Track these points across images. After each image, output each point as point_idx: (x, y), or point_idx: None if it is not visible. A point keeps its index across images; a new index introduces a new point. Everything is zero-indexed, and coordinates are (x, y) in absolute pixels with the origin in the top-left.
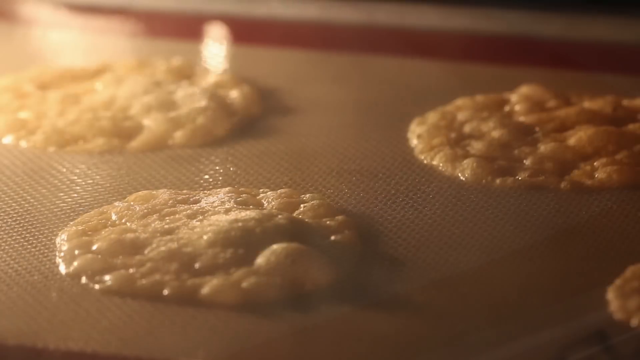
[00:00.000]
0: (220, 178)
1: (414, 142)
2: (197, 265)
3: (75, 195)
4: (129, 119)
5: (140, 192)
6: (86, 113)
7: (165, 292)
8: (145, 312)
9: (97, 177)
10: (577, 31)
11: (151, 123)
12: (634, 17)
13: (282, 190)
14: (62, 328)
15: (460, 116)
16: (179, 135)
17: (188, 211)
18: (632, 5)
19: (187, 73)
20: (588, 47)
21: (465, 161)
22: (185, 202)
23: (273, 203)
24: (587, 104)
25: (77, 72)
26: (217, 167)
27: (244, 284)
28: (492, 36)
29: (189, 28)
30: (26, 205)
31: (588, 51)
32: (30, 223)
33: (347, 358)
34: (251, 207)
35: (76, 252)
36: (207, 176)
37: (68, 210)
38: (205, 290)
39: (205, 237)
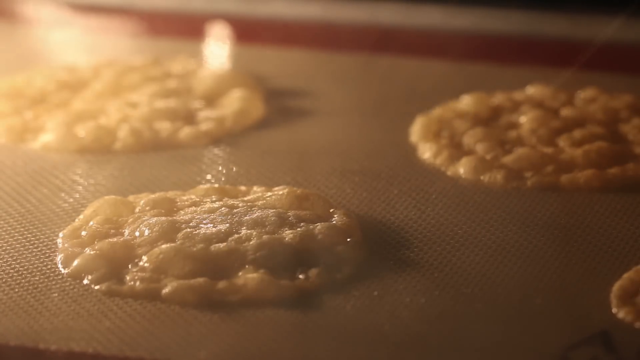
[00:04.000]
0: (223, 178)
1: (416, 142)
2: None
3: (77, 195)
4: (133, 119)
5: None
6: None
7: (165, 290)
8: (147, 313)
9: (99, 177)
10: (581, 31)
11: (156, 124)
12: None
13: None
14: (63, 328)
15: (463, 116)
16: (181, 135)
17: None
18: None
19: (191, 72)
20: (591, 46)
21: (467, 161)
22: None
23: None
24: (591, 104)
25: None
26: (220, 167)
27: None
28: (495, 36)
29: (192, 27)
30: (28, 205)
31: (592, 51)
32: (31, 223)
33: (349, 358)
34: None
35: (76, 251)
36: (209, 176)
37: (70, 211)
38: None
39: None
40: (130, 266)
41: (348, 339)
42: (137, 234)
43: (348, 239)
